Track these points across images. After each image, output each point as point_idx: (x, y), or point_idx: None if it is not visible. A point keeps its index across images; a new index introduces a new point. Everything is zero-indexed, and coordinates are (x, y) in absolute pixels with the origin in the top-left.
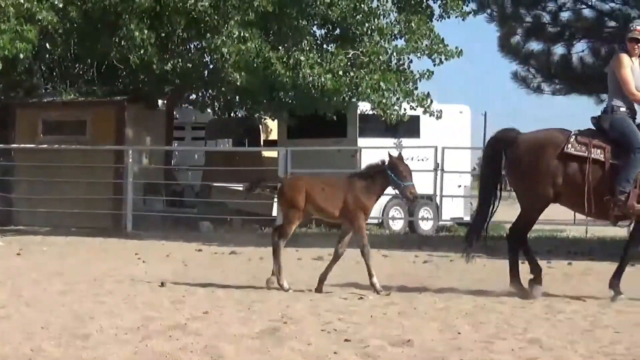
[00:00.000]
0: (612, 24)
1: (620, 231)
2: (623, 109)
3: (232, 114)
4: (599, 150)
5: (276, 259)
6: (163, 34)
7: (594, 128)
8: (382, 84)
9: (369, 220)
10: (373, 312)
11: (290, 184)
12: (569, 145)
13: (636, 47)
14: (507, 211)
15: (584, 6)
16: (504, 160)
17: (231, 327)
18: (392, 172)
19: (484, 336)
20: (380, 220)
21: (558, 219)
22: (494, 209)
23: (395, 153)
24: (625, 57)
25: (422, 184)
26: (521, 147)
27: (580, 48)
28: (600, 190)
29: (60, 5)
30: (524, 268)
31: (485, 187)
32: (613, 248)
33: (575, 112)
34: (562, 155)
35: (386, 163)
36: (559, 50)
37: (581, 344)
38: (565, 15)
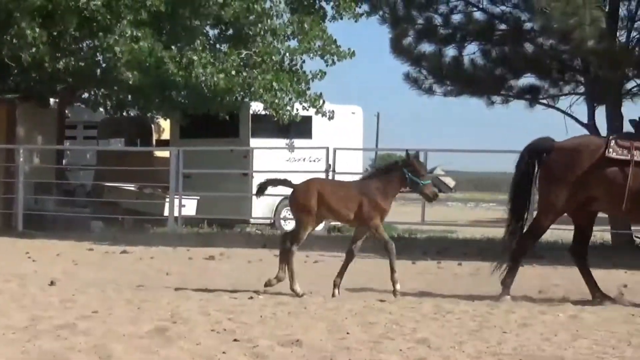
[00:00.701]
0: (503, 26)
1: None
2: None
3: (124, 113)
4: None
5: (289, 265)
6: (55, 33)
7: (633, 131)
8: (274, 84)
9: (261, 221)
10: (263, 312)
11: (302, 188)
12: (610, 150)
13: None
14: (399, 212)
15: (475, 9)
16: (537, 168)
17: (120, 327)
18: (410, 172)
19: (372, 336)
20: (272, 221)
21: (450, 220)
22: (527, 218)
23: (410, 153)
24: None
25: None
26: (558, 153)
27: (471, 50)
28: None
29: None
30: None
31: (519, 195)
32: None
33: (466, 113)
34: (601, 160)
35: (401, 163)
36: (450, 52)
37: (469, 344)
38: (456, 17)
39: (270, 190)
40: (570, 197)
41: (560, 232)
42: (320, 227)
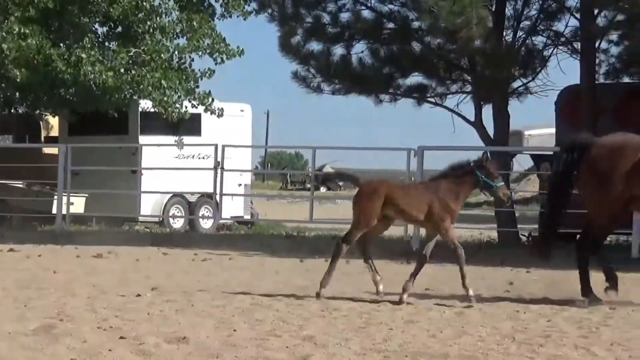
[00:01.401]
0: (391, 25)
1: (397, 230)
2: None
3: (12, 110)
4: None
5: (331, 263)
6: None
7: None
8: (163, 82)
9: (150, 219)
10: (150, 309)
11: (369, 188)
12: None
13: None
14: (287, 210)
15: (363, 7)
16: (578, 164)
17: (6, 325)
18: (482, 174)
19: (259, 333)
20: (161, 219)
21: (339, 217)
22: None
23: (483, 154)
24: None
25: (202, 182)
26: (598, 150)
27: (359, 49)
28: None
29: None
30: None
31: (557, 192)
32: (392, 246)
33: (354, 111)
34: None
35: (474, 164)
36: (338, 50)
37: (355, 340)
38: (345, 16)
39: (160, 187)
40: (616, 194)
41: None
42: (208, 225)
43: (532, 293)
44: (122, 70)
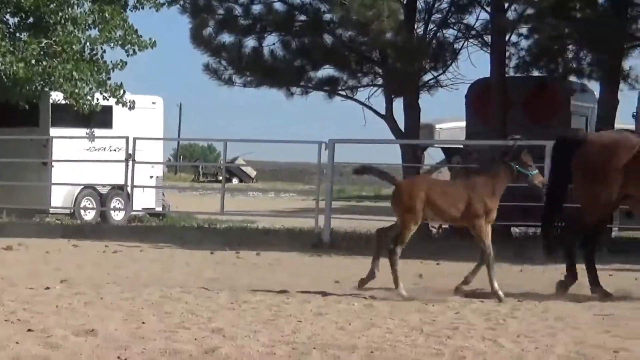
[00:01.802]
0: (303, 17)
1: (309, 222)
2: None
3: None
4: None
5: (393, 269)
6: None
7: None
8: (75, 73)
9: (60, 210)
10: (59, 302)
11: (408, 187)
12: None
13: None
14: (199, 202)
15: (275, 0)
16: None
17: None
18: (516, 164)
19: (168, 326)
20: (72, 211)
21: (250, 209)
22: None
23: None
24: None
25: (113, 174)
26: (592, 147)
27: (271, 41)
28: None
29: None
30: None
31: (555, 188)
32: (303, 238)
33: (266, 104)
34: (638, 157)
35: (507, 156)
36: (250, 42)
37: (264, 332)
38: (257, 8)
39: (71, 179)
40: (610, 190)
41: (357, 223)
42: (120, 216)
43: (441, 285)
44: (33, 61)
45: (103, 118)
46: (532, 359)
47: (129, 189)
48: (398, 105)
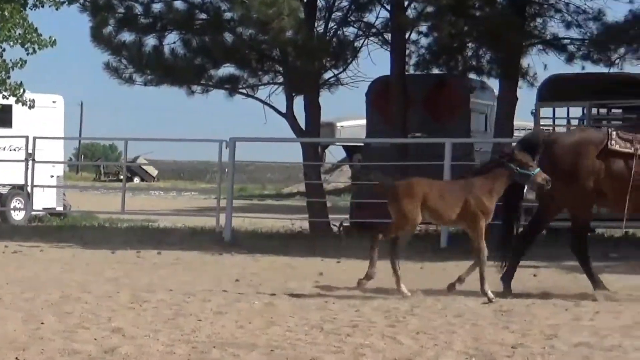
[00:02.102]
0: (203, 16)
1: (210, 221)
2: None
3: None
4: None
5: (393, 266)
6: None
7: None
8: None
9: None
10: None
11: (405, 188)
12: (613, 142)
13: None
14: (100, 202)
15: None
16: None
17: None
18: (516, 165)
19: (67, 326)
20: None
21: (151, 208)
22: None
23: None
24: None
25: (13, 174)
26: (560, 147)
27: (171, 39)
28: None
29: None
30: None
31: (512, 191)
32: (204, 237)
33: (168, 102)
34: (605, 153)
35: (506, 158)
36: (150, 41)
37: (164, 332)
38: (157, 6)
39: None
40: (587, 186)
41: (258, 221)
42: (20, 216)
43: (341, 283)
44: None
45: (2, 117)
46: (431, 356)
47: (29, 188)
48: (299, 103)
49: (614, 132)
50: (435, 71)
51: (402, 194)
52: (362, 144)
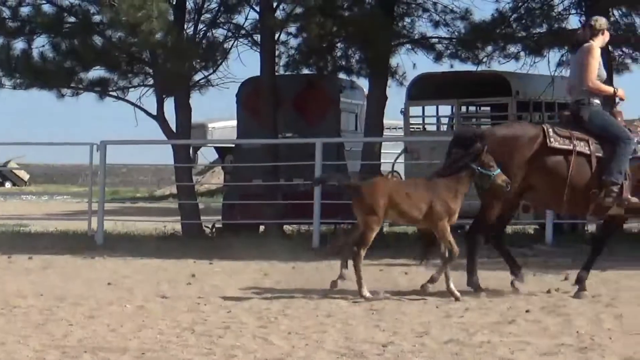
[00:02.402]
0: (72, 19)
1: (83, 224)
2: (597, 101)
3: None
4: (582, 143)
5: (357, 270)
6: None
7: (563, 120)
8: None
9: None
10: None
11: (370, 188)
12: (552, 139)
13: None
14: None
15: (44, 2)
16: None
17: None
18: (477, 165)
19: None
20: None
21: (23, 213)
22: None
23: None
24: (597, 49)
25: None
26: (493, 141)
27: (40, 43)
28: (583, 184)
29: None
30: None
31: None
32: (76, 241)
33: (37, 106)
34: (543, 149)
35: (469, 158)
36: (19, 44)
37: (34, 337)
38: (25, 10)
39: None
40: (516, 186)
41: (131, 224)
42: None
43: (214, 284)
44: None
45: None
46: (302, 356)
47: None
48: (169, 105)
49: (550, 129)
50: (305, 71)
51: (367, 194)
52: (234, 145)
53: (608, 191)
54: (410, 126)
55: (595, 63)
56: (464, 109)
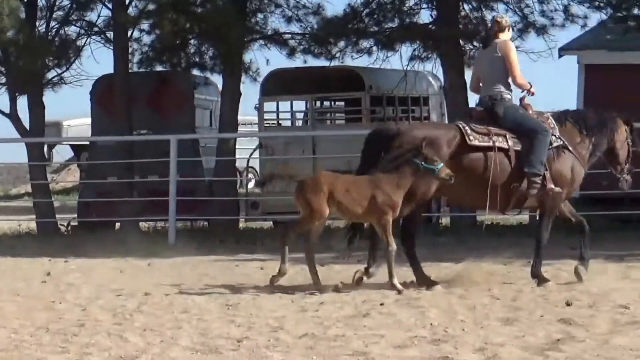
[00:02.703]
0: None
1: None
2: (509, 96)
3: None
4: (500, 138)
5: (283, 253)
6: None
7: (475, 116)
8: None
9: None
10: None
11: (312, 183)
12: (471, 137)
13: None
14: None
15: None
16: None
17: None
18: (420, 160)
19: None
20: None
21: None
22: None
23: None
24: (513, 44)
25: None
26: (412, 141)
27: None
28: (505, 178)
29: None
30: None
31: None
32: None
33: None
34: (463, 147)
35: (411, 153)
36: None
37: None
38: None
39: None
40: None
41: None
42: None
43: (69, 283)
44: None
45: None
46: (156, 352)
47: None
48: (23, 103)
49: (467, 127)
50: (159, 68)
51: (309, 188)
52: (89, 143)
53: (531, 183)
54: (265, 122)
55: (517, 58)
56: (318, 104)
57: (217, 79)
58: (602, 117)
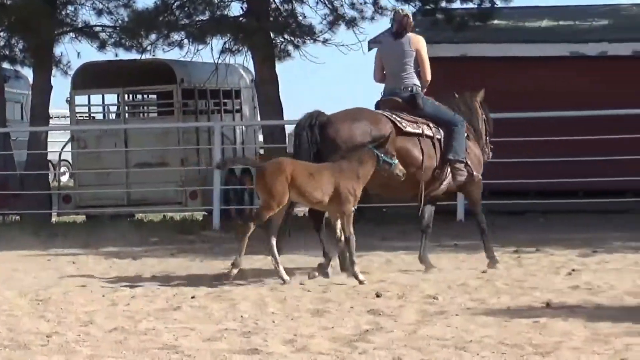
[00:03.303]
0: None
1: None
2: (420, 89)
3: None
4: (425, 126)
5: (241, 242)
6: None
7: (392, 107)
8: None
9: None
10: None
11: (271, 168)
12: (403, 124)
13: None
14: None
15: None
16: (319, 142)
17: None
18: (381, 153)
19: None
20: None
21: None
22: None
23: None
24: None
25: None
26: (342, 128)
27: None
28: (433, 165)
29: None
30: None
31: None
32: None
33: None
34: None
35: (372, 144)
36: None
37: None
38: None
39: None
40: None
41: None
42: None
43: None
44: None
45: None
46: None
47: None
48: None
49: (395, 115)
50: None
51: (269, 173)
52: None
53: (456, 169)
54: (77, 115)
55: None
56: (130, 97)
57: (28, 72)
58: (465, 101)
